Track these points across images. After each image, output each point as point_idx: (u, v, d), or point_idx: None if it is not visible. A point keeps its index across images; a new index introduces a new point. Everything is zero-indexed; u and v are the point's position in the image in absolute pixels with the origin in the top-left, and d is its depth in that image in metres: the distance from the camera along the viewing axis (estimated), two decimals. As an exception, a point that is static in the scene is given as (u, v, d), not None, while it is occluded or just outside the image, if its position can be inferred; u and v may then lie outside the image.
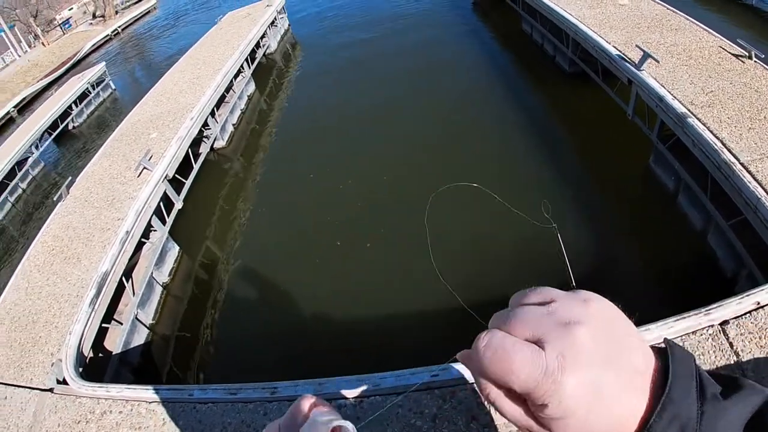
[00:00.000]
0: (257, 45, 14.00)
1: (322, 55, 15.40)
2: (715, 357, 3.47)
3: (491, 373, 0.53)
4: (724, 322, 3.69)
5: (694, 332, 3.63)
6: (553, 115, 9.33)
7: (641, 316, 2.69)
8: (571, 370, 0.49)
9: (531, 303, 0.58)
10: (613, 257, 6.08)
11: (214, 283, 7.16)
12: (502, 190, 7.30)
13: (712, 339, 3.58)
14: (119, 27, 33.76)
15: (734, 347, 3.51)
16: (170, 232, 7.59)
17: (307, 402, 0.70)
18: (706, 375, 0.53)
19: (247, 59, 12.65)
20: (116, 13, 39.41)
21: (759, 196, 4.83)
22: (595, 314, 0.55)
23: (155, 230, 7.35)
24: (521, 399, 0.54)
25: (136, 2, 43.21)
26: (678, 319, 3.64)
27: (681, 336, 3.59)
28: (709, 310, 3.71)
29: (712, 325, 3.67)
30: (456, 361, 0.64)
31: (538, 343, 0.52)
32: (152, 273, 6.94)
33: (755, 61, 7.07)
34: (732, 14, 13.45)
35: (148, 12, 39.15)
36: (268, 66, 14.85)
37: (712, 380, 0.53)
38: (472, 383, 3.24)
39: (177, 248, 7.67)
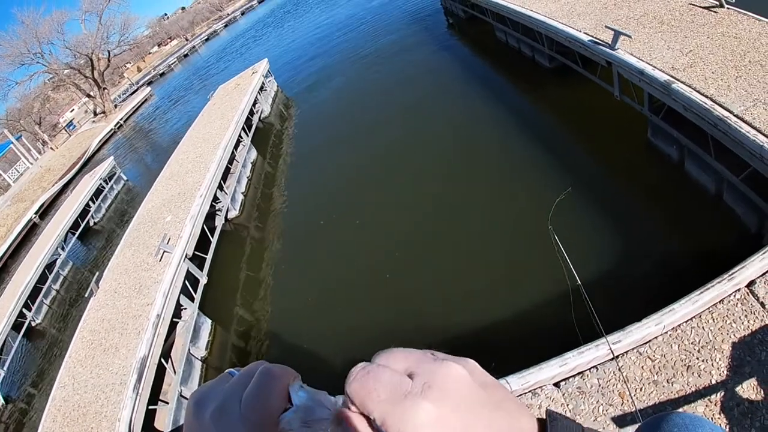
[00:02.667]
0: (251, 112, 14.39)
1: (316, 106, 15.77)
2: (748, 321, 3.39)
3: (355, 394, 0.46)
4: (751, 283, 3.62)
5: (721, 301, 3.56)
6: (544, 111, 9.40)
7: (670, 294, 2.72)
8: (432, 399, 0.44)
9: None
10: (632, 238, 5.97)
11: (251, 348, 7.22)
12: (513, 194, 7.57)
13: (741, 303, 3.52)
14: (121, 120, 34.91)
15: (766, 306, 3.43)
16: (200, 308, 7.73)
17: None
18: None
19: (244, 128, 13.02)
20: (115, 107, 40.84)
21: (761, 143, 4.71)
22: (472, 367, 0.50)
23: (185, 308, 7.51)
24: None
25: (132, 94, 44.78)
26: (702, 292, 3.57)
27: (708, 308, 3.53)
28: (733, 274, 3.64)
29: (739, 289, 3.60)
30: None
31: (410, 375, 0.47)
32: (189, 349, 7.05)
33: (728, 8, 6.99)
34: None
35: (146, 100, 40.45)
36: (265, 130, 15.21)
37: None
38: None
39: (209, 322, 7.79)
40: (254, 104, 14.98)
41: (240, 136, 12.60)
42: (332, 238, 8.63)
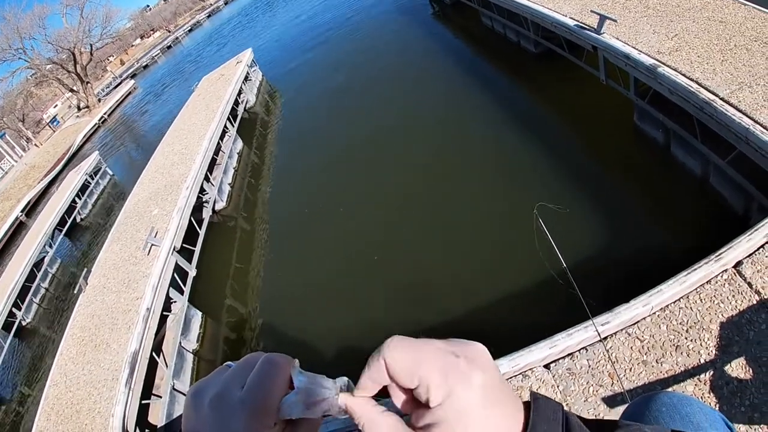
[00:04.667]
0: (236, 102, 14.30)
1: (300, 94, 15.74)
2: (736, 301, 3.42)
3: (403, 361, 0.50)
4: (738, 264, 3.65)
5: (708, 282, 3.58)
6: (531, 97, 9.38)
7: (658, 275, 2.75)
8: (479, 368, 0.50)
9: None
10: (621, 221, 6.01)
11: (242, 339, 7.22)
12: (501, 178, 7.60)
13: (729, 284, 3.54)
14: (105, 114, 34.58)
15: (754, 286, 3.46)
16: (190, 300, 7.69)
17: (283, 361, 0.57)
18: (576, 422, 0.52)
19: (229, 118, 12.93)
20: (99, 101, 40.43)
21: (747, 126, 4.73)
22: (486, 362, 0.53)
23: (175, 301, 7.51)
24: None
25: (116, 87, 44.36)
26: (689, 273, 3.59)
27: (696, 288, 3.56)
28: (720, 255, 3.67)
29: (726, 270, 3.63)
30: None
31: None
32: (180, 343, 7.03)
33: None
34: None
35: (130, 93, 40.10)
36: (251, 120, 15.12)
37: (583, 427, 0.52)
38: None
39: (200, 314, 7.76)
40: (239, 94, 14.89)
41: (225, 126, 12.52)
42: (319, 227, 8.62)
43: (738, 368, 3.08)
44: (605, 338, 3.45)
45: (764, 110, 4.85)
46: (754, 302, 3.38)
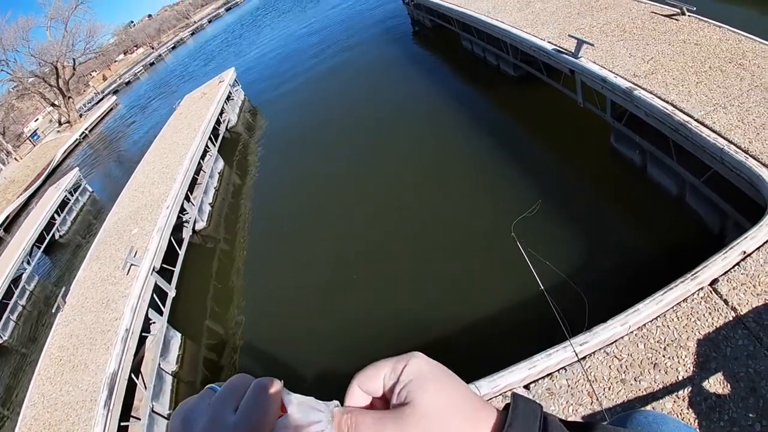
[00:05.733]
0: (218, 122, 14.25)
1: (282, 114, 15.75)
2: (712, 319, 3.48)
3: (362, 380, 0.58)
4: (714, 281, 3.72)
5: (684, 300, 3.64)
6: (510, 119, 9.55)
7: (636, 295, 2.77)
8: (419, 355, 0.58)
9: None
10: (599, 241, 6.08)
11: (223, 361, 7.13)
12: (480, 198, 7.67)
13: (705, 301, 3.60)
14: (86, 129, 34.25)
15: (729, 303, 3.53)
16: (169, 321, 7.60)
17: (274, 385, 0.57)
18: (555, 422, 0.54)
19: (210, 138, 12.87)
20: (80, 116, 40.11)
21: (721, 146, 4.86)
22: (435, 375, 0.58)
23: (154, 322, 7.40)
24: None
25: (97, 103, 44.05)
26: (666, 291, 3.66)
27: (673, 307, 3.61)
28: (696, 273, 3.74)
29: (702, 288, 3.70)
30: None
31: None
32: (160, 364, 6.93)
33: (689, 16, 7.22)
34: None
35: (111, 110, 39.79)
36: (232, 140, 15.07)
37: (562, 426, 0.54)
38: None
39: (179, 335, 7.66)
40: (221, 113, 14.86)
41: (207, 146, 12.47)
42: (299, 247, 8.61)
43: (716, 384, 3.12)
44: (584, 358, 3.48)
45: (738, 130, 4.98)
46: (731, 319, 3.44)
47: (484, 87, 11.24)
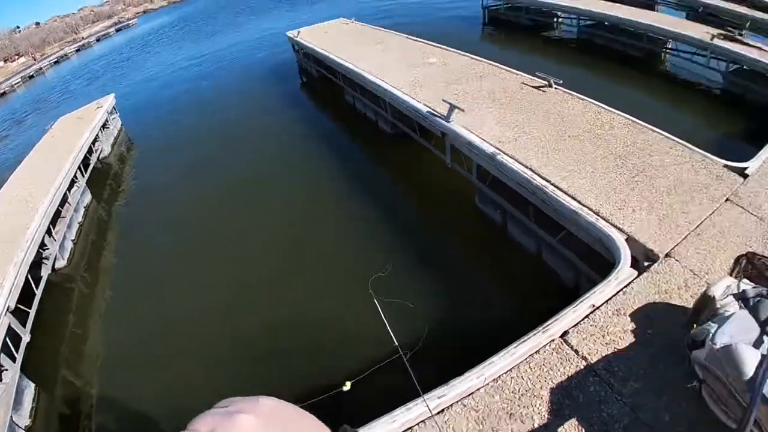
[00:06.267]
0: (90, 151, 13.32)
1: (158, 150, 15.04)
2: (564, 368, 3.74)
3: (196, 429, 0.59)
4: (565, 333, 4.02)
5: (537, 351, 3.90)
6: (384, 174, 9.96)
7: (493, 348, 2.92)
8: (242, 416, 0.59)
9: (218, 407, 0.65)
10: (458, 296, 6.36)
11: (80, 414, 6.53)
12: (346, 251, 7.82)
13: (556, 352, 3.88)
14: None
15: (580, 353, 3.82)
16: (22, 369, 6.90)
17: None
18: None
19: (80, 167, 12.05)
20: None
21: (574, 209, 5.37)
22: (266, 409, 0.63)
23: (6, 370, 6.64)
24: None
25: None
26: (519, 344, 3.89)
27: (526, 358, 3.84)
28: (547, 326, 4.02)
29: (553, 340, 3.98)
30: None
31: None
32: (12, 417, 6.22)
33: (555, 88, 7.98)
34: (536, 49, 15.18)
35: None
36: (103, 171, 14.04)
37: None
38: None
39: (32, 386, 6.93)
40: (94, 142, 13.89)
41: (75, 176, 11.60)
42: (164, 291, 8.24)
43: (570, 429, 3.33)
44: (441, 411, 3.59)
45: (590, 194, 5.50)
46: (582, 367, 3.72)
47: (362, 141, 11.68)
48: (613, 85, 12.21)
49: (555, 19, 18.04)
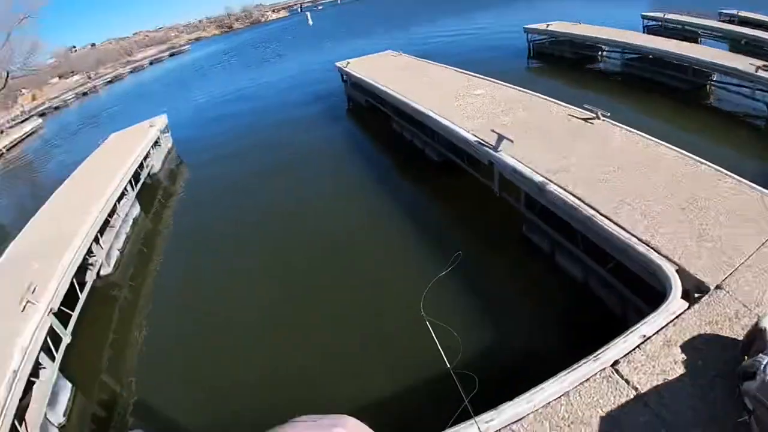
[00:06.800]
0: (141, 166, 13.81)
1: (207, 169, 15.56)
2: (614, 398, 3.61)
3: None
4: (615, 362, 3.89)
5: (587, 380, 3.78)
6: (430, 202, 9.97)
7: (542, 375, 2.87)
8: None
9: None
10: (506, 323, 6.28)
11: (114, 418, 6.58)
12: (393, 276, 7.79)
13: (607, 381, 3.76)
14: (3, 147, 32.24)
15: (631, 383, 3.70)
16: (61, 369, 7.01)
17: None
18: None
19: (131, 181, 12.46)
20: (1, 132, 37.85)
21: (624, 239, 5.25)
22: (353, 426, 0.62)
23: (44, 367, 6.77)
24: None
25: (22, 122, 41.78)
26: (570, 372, 3.79)
27: (576, 386, 3.74)
28: (598, 355, 3.92)
29: (604, 368, 3.86)
30: None
31: None
32: (46, 414, 6.32)
33: (603, 120, 7.93)
34: (581, 81, 15.17)
35: (35, 132, 37.85)
36: (153, 186, 14.57)
37: None
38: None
39: (70, 385, 7.05)
40: (145, 158, 14.44)
41: (125, 188, 12.01)
42: (205, 305, 8.34)
43: (619, 460, 3.18)
44: (489, 436, 3.50)
45: (640, 225, 5.39)
46: (632, 397, 3.59)
47: (408, 168, 11.73)
48: (659, 117, 12.10)
49: (599, 53, 18.17)
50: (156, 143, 15.94)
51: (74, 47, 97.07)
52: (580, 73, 17.18)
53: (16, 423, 5.73)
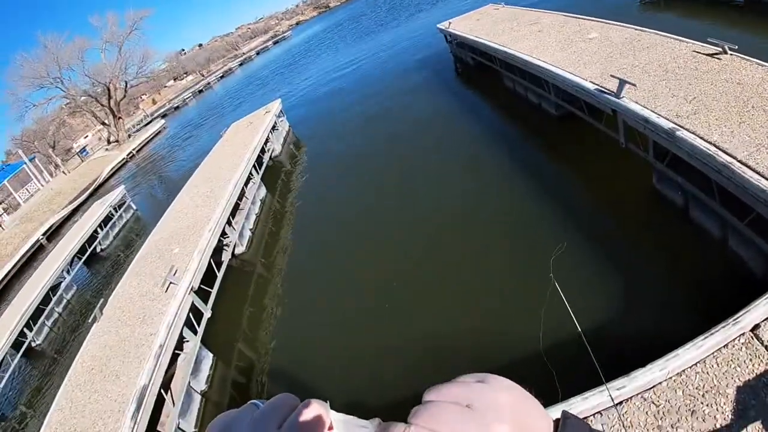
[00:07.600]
0: (262, 150, 14.64)
1: (324, 146, 16.12)
2: (754, 365, 3.37)
3: (425, 423, 0.53)
4: (756, 327, 3.60)
5: (725, 346, 3.53)
6: (551, 158, 9.46)
7: (675, 339, 2.71)
8: (497, 420, 0.52)
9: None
10: (638, 283, 5.89)
11: (252, 385, 7.12)
12: (517, 238, 7.53)
13: (746, 347, 3.49)
14: (134, 150, 35.38)
15: (773, 349, 3.42)
16: (202, 341, 7.67)
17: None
18: None
19: (254, 165, 13.22)
20: (129, 136, 41.52)
21: (764, 188, 4.69)
22: (504, 384, 0.58)
23: (188, 341, 7.46)
24: None
25: (146, 125, 45.59)
26: (706, 337, 3.55)
27: (713, 353, 3.50)
28: (737, 318, 3.62)
29: (743, 333, 3.58)
30: None
31: (469, 405, 0.54)
32: (189, 382, 6.97)
33: (731, 55, 7.09)
34: (700, 12, 13.58)
35: (159, 132, 41.07)
36: (275, 168, 15.43)
37: None
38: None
39: (211, 356, 7.72)
40: (266, 143, 15.27)
41: (250, 173, 12.77)
42: (335, 275, 8.67)
43: (754, 433, 2.99)
44: (620, 403, 3.38)
45: (782, 171, 4.82)
46: (773, 365, 3.31)
47: (525, 125, 11.26)
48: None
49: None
50: (274, 127, 16.77)
51: (183, 50, 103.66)
52: (696, 4, 15.22)
53: (162, 391, 6.37)
